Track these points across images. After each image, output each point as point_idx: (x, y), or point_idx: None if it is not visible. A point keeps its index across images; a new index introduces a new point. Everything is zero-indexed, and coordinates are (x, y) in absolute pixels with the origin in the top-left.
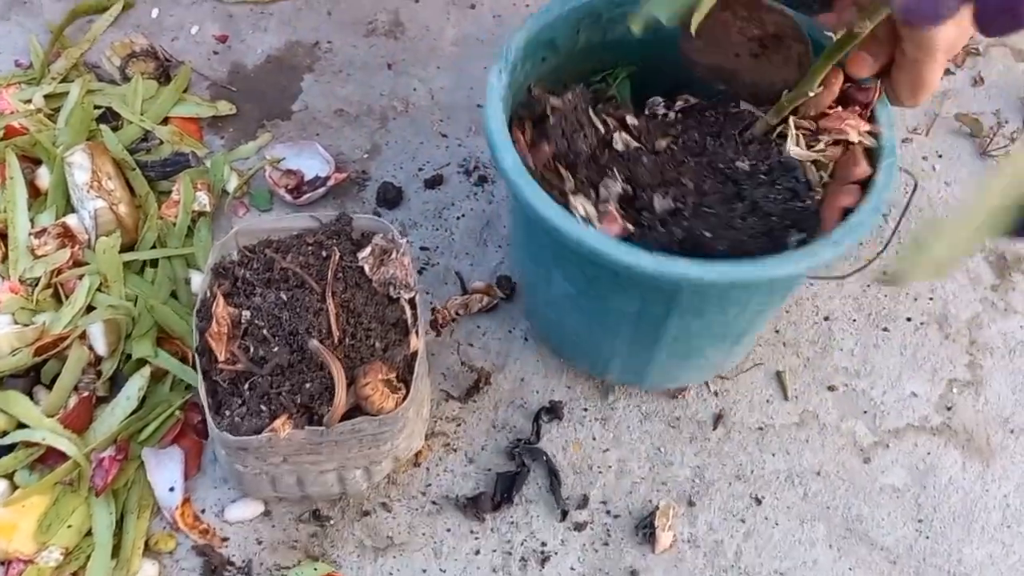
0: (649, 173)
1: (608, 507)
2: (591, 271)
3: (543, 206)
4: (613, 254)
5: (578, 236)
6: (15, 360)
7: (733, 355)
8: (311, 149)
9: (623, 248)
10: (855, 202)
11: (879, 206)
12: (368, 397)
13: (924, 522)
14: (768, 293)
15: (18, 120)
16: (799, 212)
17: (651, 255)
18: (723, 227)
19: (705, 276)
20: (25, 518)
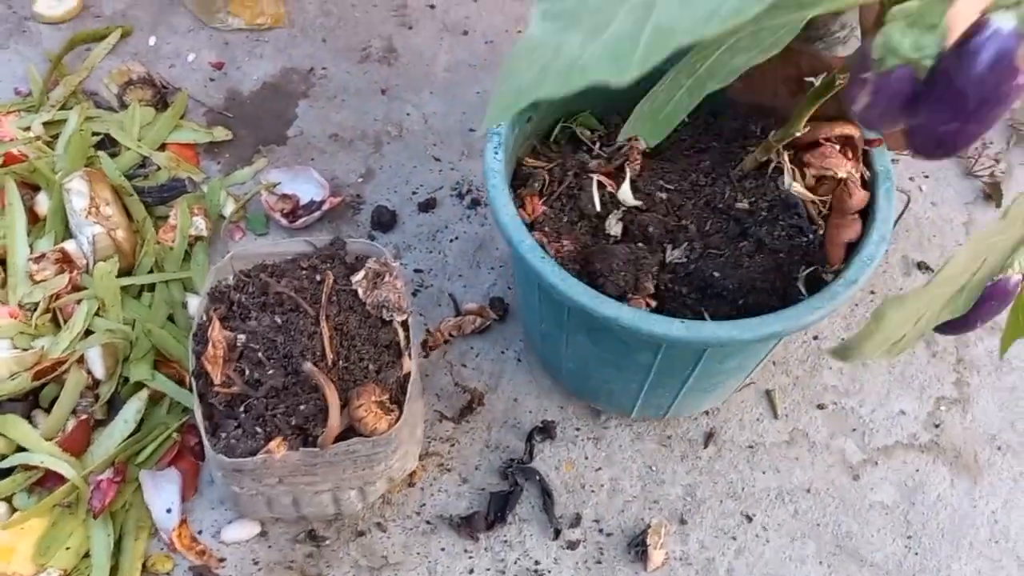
0: (656, 230)
1: (601, 525)
2: (621, 336)
3: (572, 289)
4: (646, 327)
5: (614, 315)
6: (14, 384)
7: (748, 379)
8: (306, 174)
9: (656, 320)
10: (858, 234)
11: (885, 235)
12: (362, 419)
13: (913, 538)
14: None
15: (17, 147)
16: (805, 247)
17: (682, 323)
18: (731, 266)
19: (736, 336)
20: (24, 540)
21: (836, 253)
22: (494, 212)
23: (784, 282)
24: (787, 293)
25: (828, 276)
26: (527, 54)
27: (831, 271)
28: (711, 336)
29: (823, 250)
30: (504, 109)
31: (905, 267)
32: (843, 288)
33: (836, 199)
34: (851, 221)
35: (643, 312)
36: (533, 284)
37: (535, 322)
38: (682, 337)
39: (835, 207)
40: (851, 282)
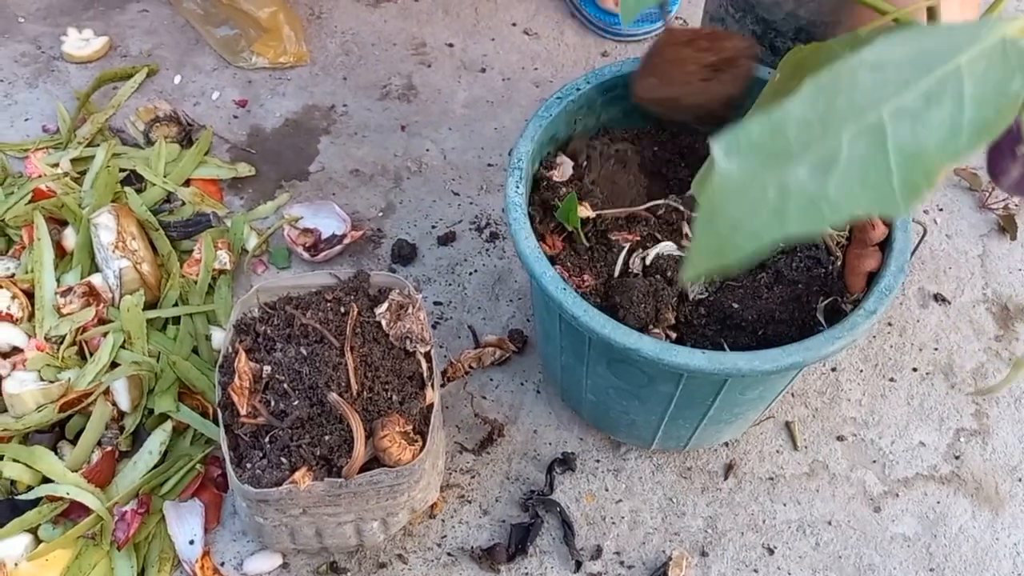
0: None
1: (622, 557)
2: (643, 367)
3: (594, 320)
4: (668, 358)
5: (635, 346)
6: (40, 416)
7: (767, 411)
8: (328, 208)
9: (677, 351)
10: (879, 264)
11: (903, 266)
12: (386, 449)
13: (936, 571)
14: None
15: (46, 183)
16: (823, 277)
17: (703, 354)
18: (750, 298)
19: (758, 367)
20: (48, 572)
21: (857, 283)
22: (516, 244)
23: (803, 313)
24: (806, 324)
25: (847, 306)
26: (736, 195)
27: (850, 301)
28: (732, 367)
29: (841, 281)
30: (733, 252)
31: (922, 299)
32: (863, 318)
33: (858, 230)
34: (872, 252)
35: (665, 343)
36: (554, 315)
37: (555, 354)
38: (704, 368)
39: (856, 238)
40: (871, 312)
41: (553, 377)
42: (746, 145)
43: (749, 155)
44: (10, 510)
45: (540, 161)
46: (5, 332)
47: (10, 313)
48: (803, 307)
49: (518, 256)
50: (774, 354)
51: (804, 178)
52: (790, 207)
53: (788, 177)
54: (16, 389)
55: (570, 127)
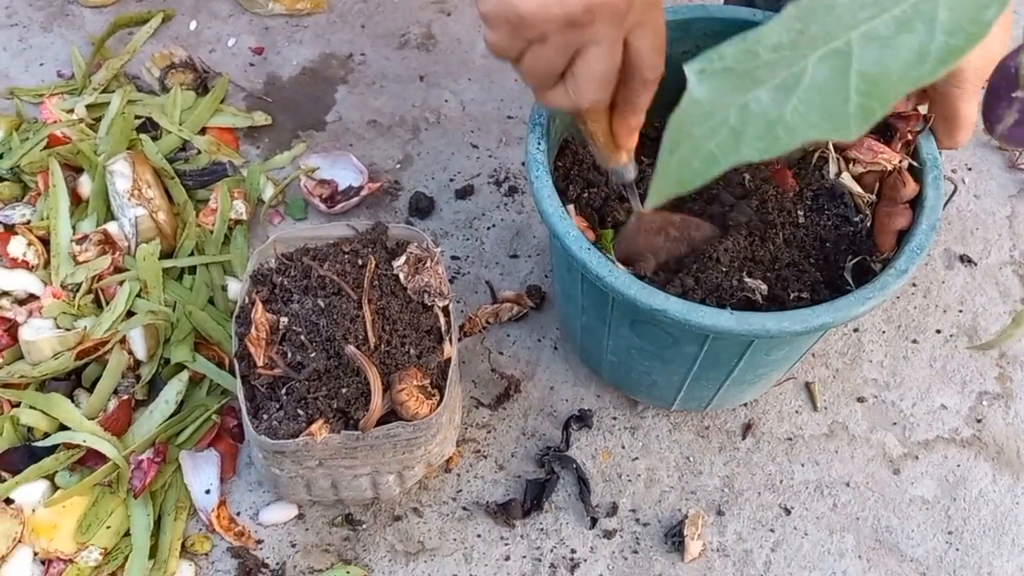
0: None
1: (637, 515)
2: (668, 328)
3: (619, 281)
4: (695, 319)
5: (662, 307)
6: (57, 364)
7: (790, 371)
8: (345, 159)
9: (705, 312)
10: (910, 222)
11: (935, 224)
12: (403, 403)
13: (954, 534)
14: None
15: (61, 129)
16: (851, 236)
17: (731, 314)
18: (780, 255)
19: (787, 328)
20: (65, 518)
21: (887, 241)
22: (538, 203)
23: (830, 272)
24: (832, 282)
25: (876, 265)
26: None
27: (879, 260)
28: (760, 328)
29: (870, 239)
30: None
31: (948, 260)
32: (894, 278)
33: (889, 188)
34: (903, 210)
35: (692, 303)
36: (576, 276)
37: (575, 315)
38: (731, 329)
39: (886, 196)
40: (902, 272)
41: (572, 338)
42: (719, 68)
43: (720, 78)
44: (27, 456)
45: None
46: (21, 279)
47: (26, 260)
48: (830, 266)
49: (540, 215)
50: (803, 315)
51: (765, 101)
52: (747, 130)
53: (750, 99)
54: (32, 336)
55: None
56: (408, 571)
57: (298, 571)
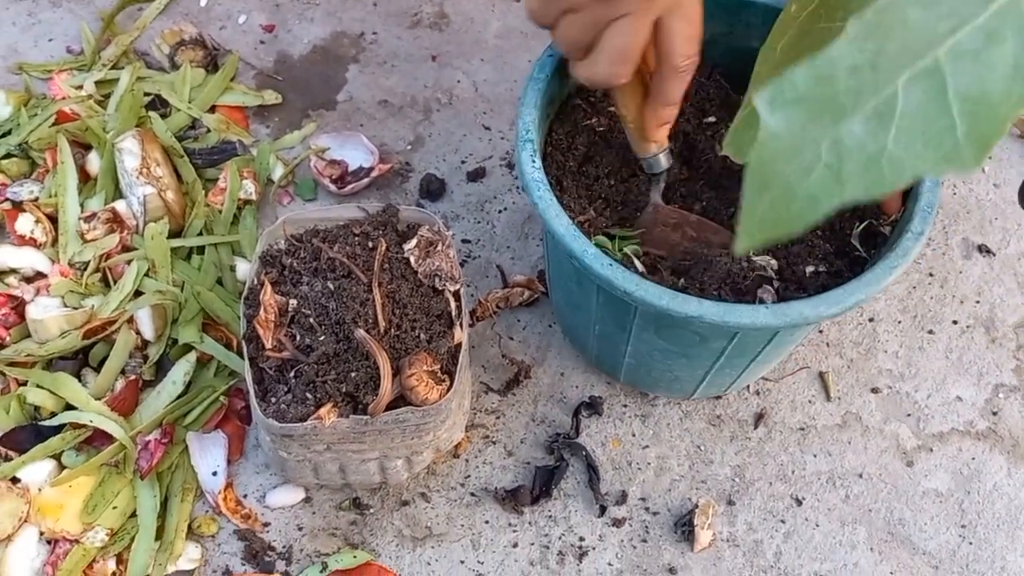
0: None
1: (647, 504)
2: (698, 330)
3: (649, 293)
4: (733, 319)
5: (697, 313)
6: (64, 342)
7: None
8: (355, 140)
9: (742, 311)
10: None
11: (937, 180)
12: (413, 388)
13: (967, 528)
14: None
15: (69, 106)
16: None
17: (767, 308)
18: None
19: (823, 312)
20: (71, 498)
21: (893, 202)
22: (547, 223)
23: (838, 241)
24: (841, 251)
25: (884, 228)
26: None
27: (887, 223)
28: (798, 316)
29: (873, 203)
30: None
31: (965, 250)
32: (913, 241)
33: None
34: None
35: (728, 304)
36: (588, 289)
37: (586, 324)
38: (769, 323)
39: None
40: (919, 233)
41: (581, 345)
42: (792, 97)
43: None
44: (34, 435)
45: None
46: (29, 257)
47: (33, 237)
48: (836, 233)
49: (549, 235)
50: (837, 296)
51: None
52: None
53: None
54: (40, 315)
55: (563, 83)
56: (415, 556)
57: (305, 554)
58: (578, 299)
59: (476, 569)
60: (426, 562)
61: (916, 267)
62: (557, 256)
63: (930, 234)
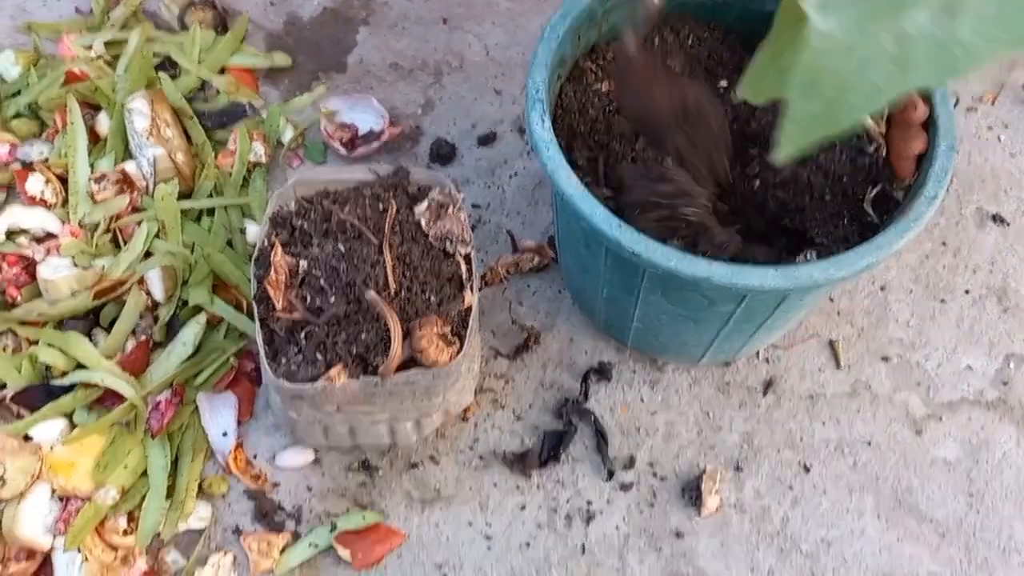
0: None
1: (655, 469)
2: (706, 292)
3: (657, 254)
4: (741, 281)
5: (705, 275)
6: (75, 302)
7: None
8: (365, 103)
9: (750, 272)
10: (926, 145)
11: (952, 144)
12: (423, 350)
13: (975, 496)
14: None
15: (79, 66)
16: (867, 167)
17: (776, 271)
18: (799, 194)
19: (833, 275)
20: (83, 457)
21: (907, 167)
22: (555, 184)
23: (851, 206)
24: (854, 215)
25: (898, 193)
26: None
27: (901, 188)
28: (807, 279)
29: (887, 168)
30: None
31: (979, 219)
32: (926, 206)
33: (899, 113)
34: (918, 132)
35: (737, 266)
36: (596, 251)
37: (594, 287)
38: (779, 286)
39: (898, 121)
40: (932, 198)
41: (590, 309)
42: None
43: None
44: (45, 394)
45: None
46: (39, 217)
47: (44, 198)
48: (849, 199)
49: (558, 196)
50: (847, 259)
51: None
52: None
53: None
54: (51, 275)
55: (575, 45)
56: (423, 518)
57: (314, 515)
58: (587, 262)
59: (484, 531)
60: (435, 524)
61: (929, 236)
62: (566, 218)
63: (944, 203)
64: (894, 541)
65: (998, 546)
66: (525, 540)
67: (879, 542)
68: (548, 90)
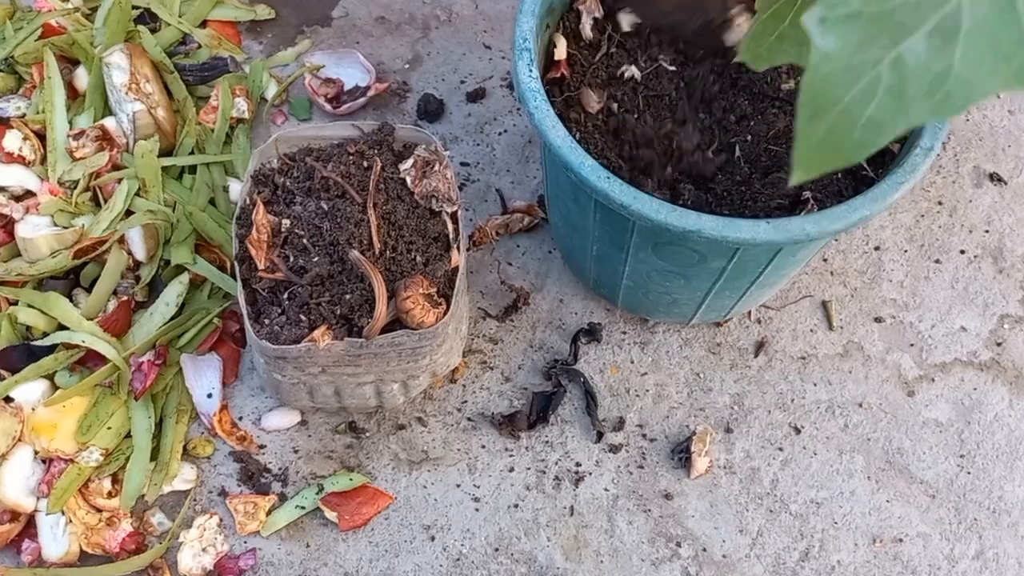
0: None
1: (644, 431)
2: (696, 247)
3: (646, 206)
4: (733, 235)
5: (696, 227)
6: (55, 262)
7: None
8: (351, 58)
9: (742, 225)
10: None
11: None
12: (409, 311)
13: (966, 458)
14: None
15: (56, 19)
16: None
17: (768, 223)
18: (786, 151)
19: (826, 228)
20: (65, 418)
21: None
22: (543, 135)
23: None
24: (848, 171)
25: (893, 146)
26: (843, 77)
27: (896, 140)
28: (800, 232)
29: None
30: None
31: (976, 178)
32: (922, 158)
33: None
34: None
35: (728, 219)
36: (585, 205)
37: (582, 244)
38: (771, 239)
39: None
40: (928, 150)
41: (579, 268)
42: (845, 14)
43: (851, 26)
44: (26, 355)
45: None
46: (17, 174)
47: (22, 155)
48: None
49: (546, 148)
50: (840, 211)
51: (922, 51)
52: (909, 88)
53: (903, 51)
54: (30, 233)
55: None
56: (411, 479)
57: (300, 476)
58: (576, 218)
59: (472, 493)
60: (422, 485)
61: (925, 195)
62: (554, 171)
63: (941, 161)
64: (884, 502)
65: (988, 507)
66: (513, 502)
67: (869, 503)
68: (536, 39)
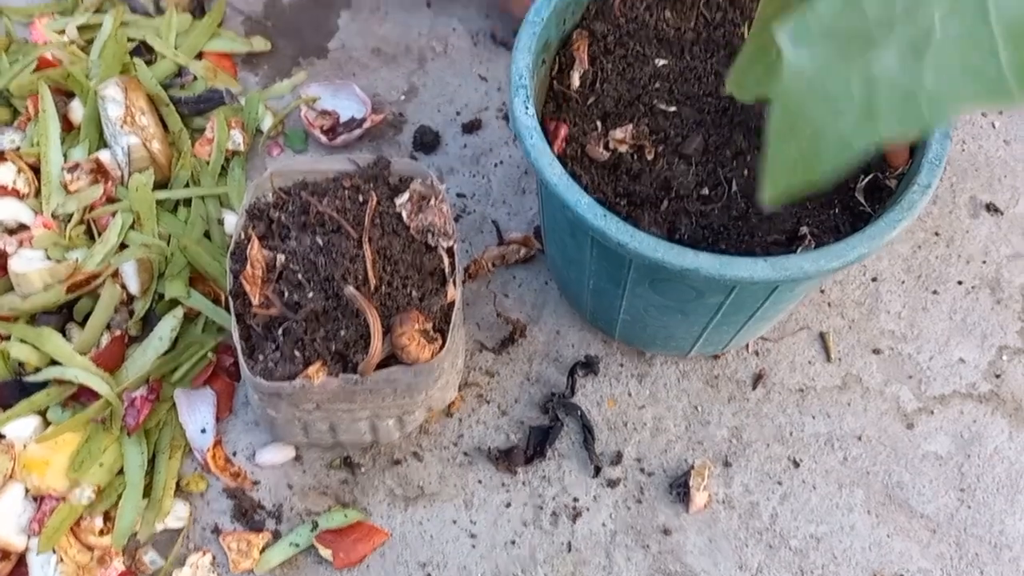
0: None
1: (642, 464)
2: (694, 284)
3: (644, 244)
4: (731, 273)
5: (694, 266)
6: (48, 296)
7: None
8: (347, 89)
9: (740, 264)
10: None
11: (947, 131)
12: (404, 347)
13: (967, 491)
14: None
15: (51, 51)
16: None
17: (766, 262)
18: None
19: (824, 267)
20: (57, 455)
21: (900, 155)
22: (539, 172)
23: (841, 195)
24: (845, 204)
25: (890, 181)
26: (815, 95)
27: (893, 176)
28: (798, 270)
29: (878, 156)
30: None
31: (973, 208)
32: (919, 195)
33: None
34: None
35: (726, 258)
36: (582, 240)
37: (579, 279)
38: (768, 277)
39: None
40: (926, 187)
41: (576, 301)
42: (817, 30)
43: (822, 42)
44: (18, 391)
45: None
46: (11, 207)
47: (16, 188)
48: (840, 188)
49: (542, 184)
50: (838, 249)
51: (893, 66)
52: (879, 103)
53: (873, 66)
54: (23, 268)
55: (560, 28)
56: (407, 515)
57: (295, 513)
58: (573, 253)
59: (468, 529)
60: (418, 521)
61: (922, 226)
62: (551, 208)
63: (937, 192)
64: (884, 537)
65: (989, 541)
66: (510, 538)
67: (869, 538)
68: (532, 76)
